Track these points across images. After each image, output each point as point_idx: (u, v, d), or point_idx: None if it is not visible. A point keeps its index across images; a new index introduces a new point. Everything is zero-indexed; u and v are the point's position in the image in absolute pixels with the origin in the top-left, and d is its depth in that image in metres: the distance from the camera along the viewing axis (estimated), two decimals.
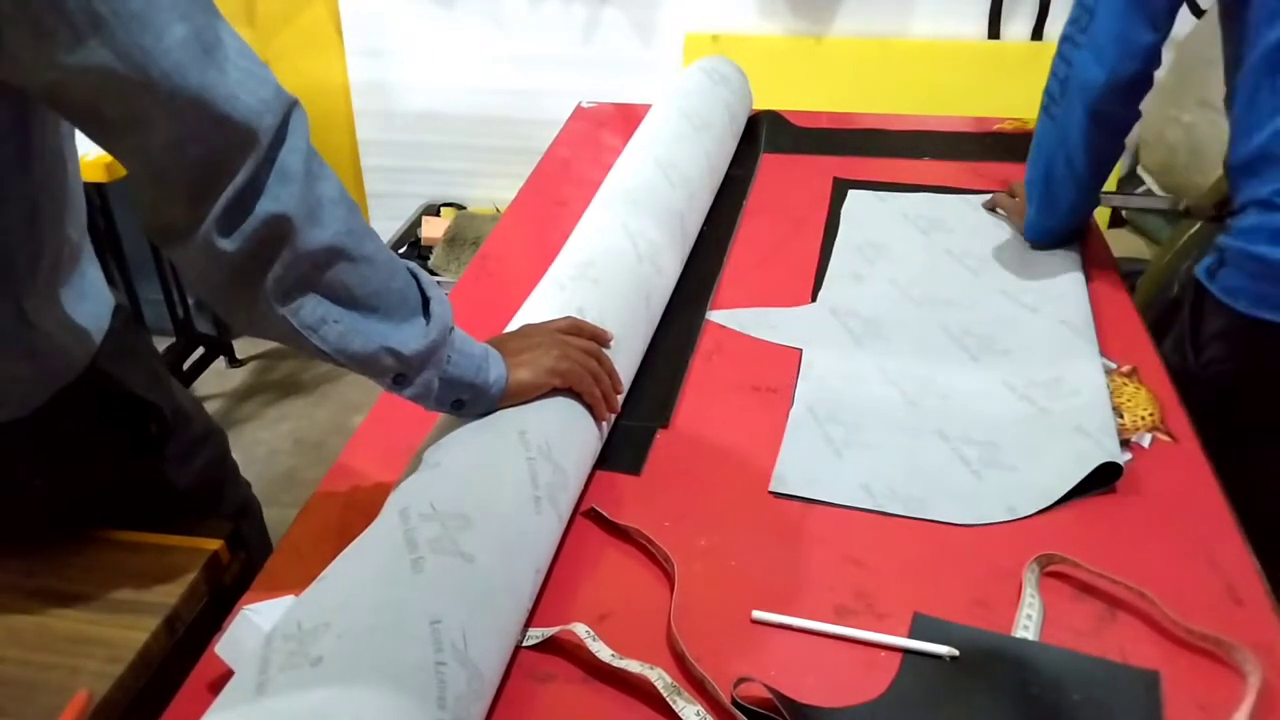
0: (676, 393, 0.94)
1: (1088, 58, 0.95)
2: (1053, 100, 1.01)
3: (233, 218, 0.56)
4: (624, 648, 0.65)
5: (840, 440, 0.86)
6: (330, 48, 2.37)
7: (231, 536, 0.91)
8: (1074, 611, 0.69)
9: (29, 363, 0.75)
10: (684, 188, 1.15)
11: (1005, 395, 0.90)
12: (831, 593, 0.71)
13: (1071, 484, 0.78)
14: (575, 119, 1.64)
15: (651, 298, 0.98)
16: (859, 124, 1.55)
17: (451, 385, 0.71)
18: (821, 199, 1.30)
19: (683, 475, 0.84)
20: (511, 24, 2.24)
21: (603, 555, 0.76)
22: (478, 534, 0.63)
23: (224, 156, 0.54)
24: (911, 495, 0.80)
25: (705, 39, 2.14)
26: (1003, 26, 2.04)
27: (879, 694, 0.63)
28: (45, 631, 0.80)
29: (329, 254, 0.60)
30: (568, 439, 0.76)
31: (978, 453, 0.84)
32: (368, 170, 2.50)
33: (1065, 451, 0.81)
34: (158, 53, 0.50)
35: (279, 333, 0.62)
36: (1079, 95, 0.97)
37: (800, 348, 0.99)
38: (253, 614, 0.63)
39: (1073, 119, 1.00)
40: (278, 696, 0.51)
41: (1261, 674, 0.62)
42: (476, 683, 0.57)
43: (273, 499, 1.14)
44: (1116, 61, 0.94)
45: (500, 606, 0.62)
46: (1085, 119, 0.99)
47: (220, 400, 2.28)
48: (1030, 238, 1.14)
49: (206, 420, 1.00)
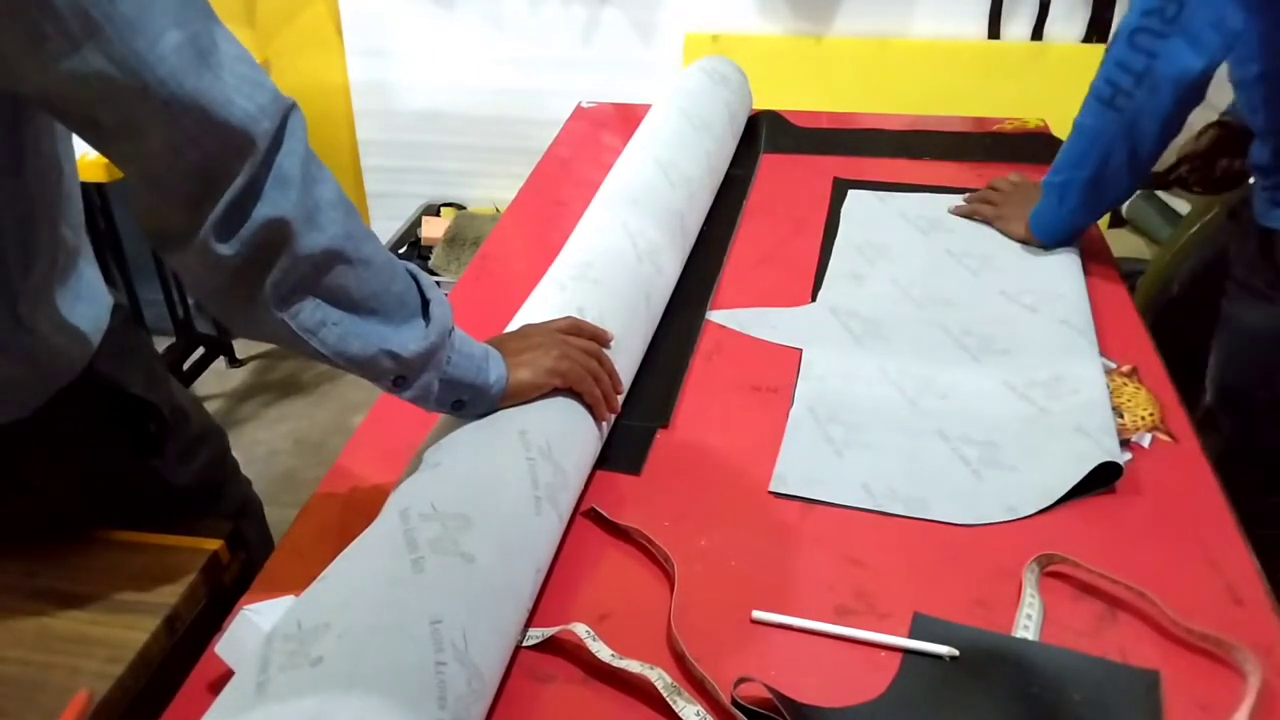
0: (676, 393, 0.94)
1: (1180, 47, 0.93)
2: (1119, 92, 0.99)
3: (231, 223, 0.55)
4: (624, 648, 0.65)
5: (840, 440, 0.86)
6: (330, 48, 2.37)
7: (232, 536, 0.91)
8: (1074, 611, 0.69)
9: (26, 366, 0.75)
10: (684, 188, 1.15)
11: (1005, 395, 0.90)
12: (831, 593, 0.71)
13: (1071, 484, 0.78)
14: (575, 119, 1.64)
15: (651, 297, 0.98)
16: (859, 124, 1.55)
17: (451, 386, 0.71)
18: (821, 199, 1.30)
19: (683, 475, 0.84)
20: (511, 24, 2.24)
21: (603, 555, 0.76)
22: (478, 534, 0.63)
23: (221, 162, 0.54)
24: (912, 495, 0.80)
25: (705, 39, 2.14)
26: (1003, 26, 2.04)
27: (879, 694, 0.63)
28: (46, 632, 0.80)
29: (327, 257, 0.60)
30: (568, 439, 0.76)
31: (978, 452, 0.84)
32: (368, 170, 2.50)
33: (1065, 451, 0.81)
34: (152, 58, 0.50)
35: (278, 336, 0.62)
36: (1169, 86, 0.96)
37: (800, 348, 0.99)
38: (253, 614, 0.63)
39: (1155, 109, 0.98)
40: (278, 697, 0.51)
41: (1261, 674, 0.62)
42: (477, 683, 0.57)
43: (273, 499, 1.14)
44: (1214, 49, 0.93)
45: (501, 606, 0.62)
46: (1173, 108, 0.97)
47: (220, 400, 2.28)
48: (1051, 240, 1.12)
49: (206, 420, 1.00)
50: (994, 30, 2.04)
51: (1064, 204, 1.09)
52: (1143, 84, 0.96)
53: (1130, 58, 0.97)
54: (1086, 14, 1.99)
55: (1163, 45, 0.94)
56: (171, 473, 0.92)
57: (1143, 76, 0.96)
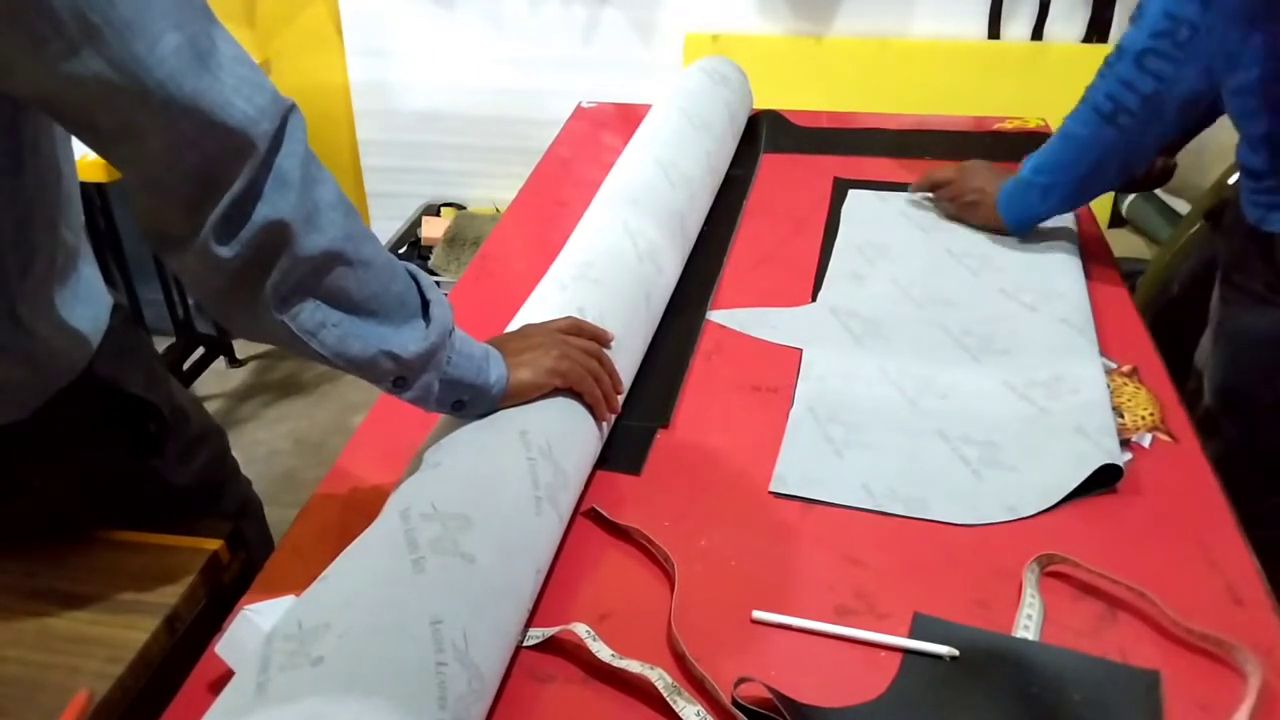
0: (676, 393, 0.94)
1: (1192, 73, 0.92)
2: (1121, 110, 0.97)
3: (230, 225, 0.55)
4: (624, 648, 0.65)
5: (840, 440, 0.86)
6: (330, 48, 2.37)
7: (232, 536, 0.91)
8: (1074, 611, 0.69)
9: (26, 366, 0.75)
10: (684, 187, 1.15)
11: (1005, 395, 0.90)
12: (831, 593, 0.71)
13: (1071, 486, 0.78)
14: (575, 119, 1.64)
15: (652, 297, 0.98)
16: (859, 124, 1.55)
17: (452, 386, 0.71)
18: (822, 199, 1.30)
19: (683, 475, 0.84)
20: (511, 24, 2.24)
21: (603, 555, 0.76)
22: (479, 534, 0.63)
23: (221, 164, 0.54)
24: (912, 495, 0.80)
25: (705, 39, 2.14)
26: (1003, 26, 2.04)
27: (879, 694, 0.63)
28: (46, 631, 0.80)
29: (327, 259, 0.60)
30: (568, 439, 0.76)
31: (978, 452, 0.84)
32: (368, 170, 2.50)
33: (1065, 452, 0.81)
34: (151, 61, 0.50)
35: (277, 337, 0.62)
36: (1176, 108, 0.95)
37: (800, 348, 0.99)
38: (253, 614, 0.63)
39: (1159, 129, 0.98)
40: (278, 697, 0.51)
41: (1261, 674, 0.62)
42: (477, 683, 0.57)
43: (273, 499, 1.14)
44: (1223, 72, 0.93)
45: (501, 607, 0.62)
46: (1176, 128, 0.97)
47: (220, 400, 2.28)
48: (1025, 228, 1.15)
49: (205, 419, 1.00)
50: (994, 30, 2.04)
51: (1046, 201, 1.11)
52: (1148, 105, 0.96)
53: (1137, 79, 0.95)
54: (1086, 14, 1.99)
55: (1173, 70, 0.93)
56: (171, 473, 0.92)
57: (1149, 99, 0.95)
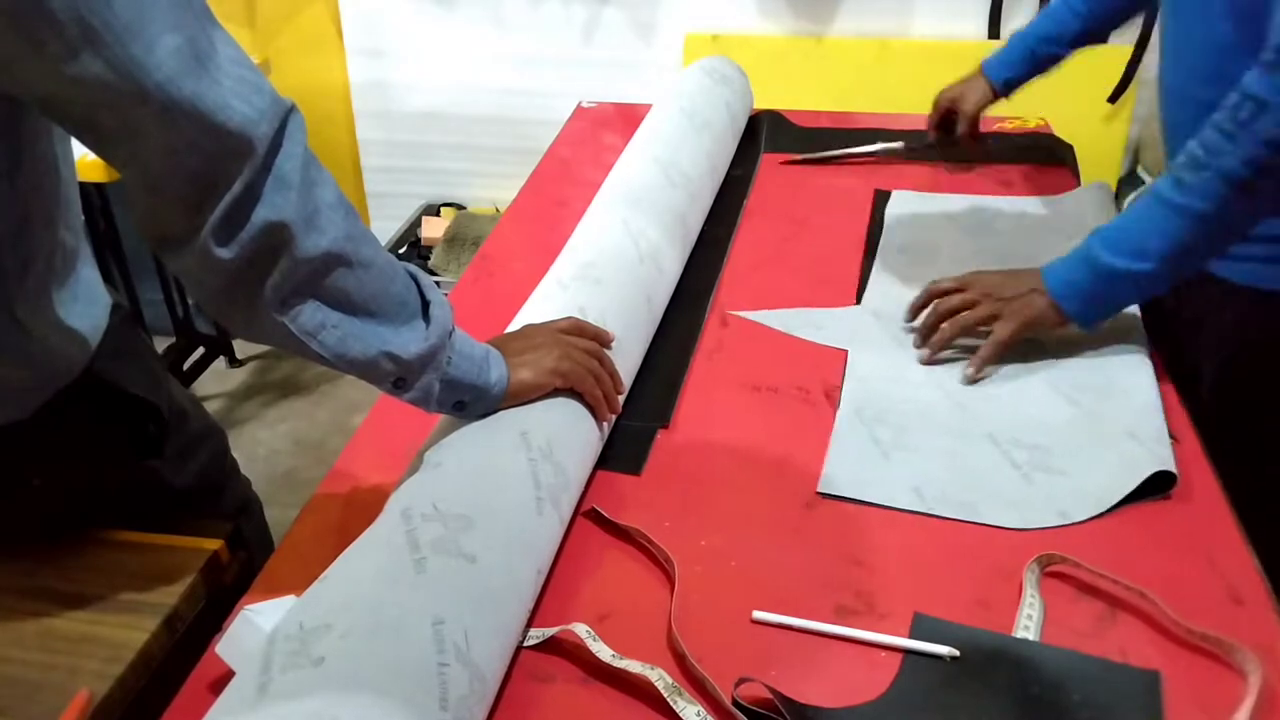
0: (677, 393, 0.94)
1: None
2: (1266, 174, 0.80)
3: (230, 226, 0.55)
4: (624, 648, 0.65)
5: (888, 442, 0.85)
6: (330, 48, 2.37)
7: (232, 536, 0.91)
8: (1074, 611, 0.69)
9: (26, 367, 0.75)
10: (685, 187, 1.15)
11: (1054, 398, 0.89)
12: (832, 593, 0.71)
13: (1125, 492, 0.77)
14: (575, 119, 1.64)
15: (653, 298, 0.98)
16: (859, 124, 1.55)
17: (452, 387, 0.71)
18: (822, 199, 1.30)
19: (683, 475, 0.84)
20: (511, 24, 2.24)
21: (603, 555, 0.76)
22: (480, 534, 0.63)
23: (220, 165, 0.54)
24: (962, 499, 0.79)
25: (705, 39, 2.14)
26: (1003, 26, 2.04)
27: (879, 694, 0.63)
28: (46, 631, 0.80)
29: (327, 260, 0.60)
30: (569, 440, 0.76)
31: (1028, 456, 0.83)
32: (368, 170, 2.50)
33: (1116, 457, 0.80)
34: (150, 64, 0.50)
35: (277, 339, 0.62)
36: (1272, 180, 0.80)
37: (845, 349, 0.98)
38: (253, 614, 0.63)
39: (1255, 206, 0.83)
40: (280, 697, 0.51)
41: (1262, 674, 0.62)
42: (478, 684, 0.57)
43: (273, 499, 1.14)
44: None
45: (502, 607, 0.62)
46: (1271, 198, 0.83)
47: (220, 400, 2.28)
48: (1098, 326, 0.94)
49: (205, 419, 1.00)
50: (994, 30, 2.04)
51: (1148, 289, 0.90)
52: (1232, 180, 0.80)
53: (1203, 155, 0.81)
54: None
55: None
56: (171, 473, 0.92)
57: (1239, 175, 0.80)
